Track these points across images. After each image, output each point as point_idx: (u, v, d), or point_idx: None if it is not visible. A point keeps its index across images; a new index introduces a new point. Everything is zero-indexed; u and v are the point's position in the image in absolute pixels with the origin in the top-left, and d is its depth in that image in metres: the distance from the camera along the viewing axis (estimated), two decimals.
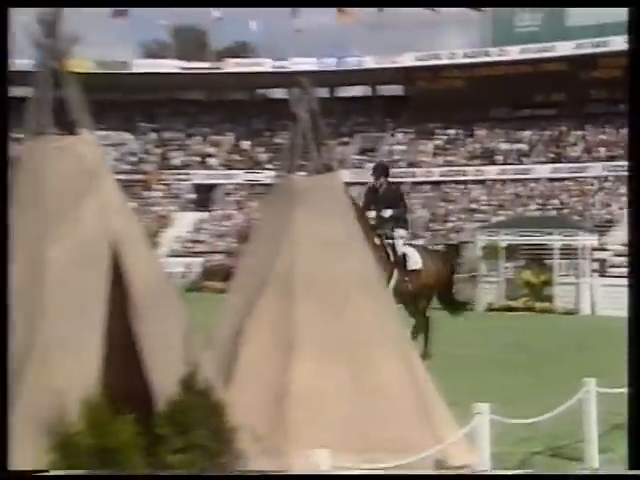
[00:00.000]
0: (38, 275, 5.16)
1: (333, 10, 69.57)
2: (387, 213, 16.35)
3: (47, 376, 4.92)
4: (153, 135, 75.52)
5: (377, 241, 15.76)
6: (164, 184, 70.32)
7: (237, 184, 71.48)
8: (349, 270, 7.83)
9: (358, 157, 69.46)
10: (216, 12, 71.67)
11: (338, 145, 62.80)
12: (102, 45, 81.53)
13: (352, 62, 70.83)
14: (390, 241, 16.35)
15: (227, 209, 68.90)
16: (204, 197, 70.32)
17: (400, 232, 16.66)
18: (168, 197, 68.98)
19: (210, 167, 73.30)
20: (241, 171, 71.87)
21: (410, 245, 17.29)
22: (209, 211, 69.05)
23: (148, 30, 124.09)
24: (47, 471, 4.10)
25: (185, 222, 64.94)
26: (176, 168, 72.54)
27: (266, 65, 73.55)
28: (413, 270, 16.48)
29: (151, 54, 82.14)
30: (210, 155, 74.30)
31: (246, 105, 76.29)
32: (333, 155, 8.11)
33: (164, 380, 4.97)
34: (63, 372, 4.90)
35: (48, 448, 4.26)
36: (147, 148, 74.43)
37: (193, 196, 70.41)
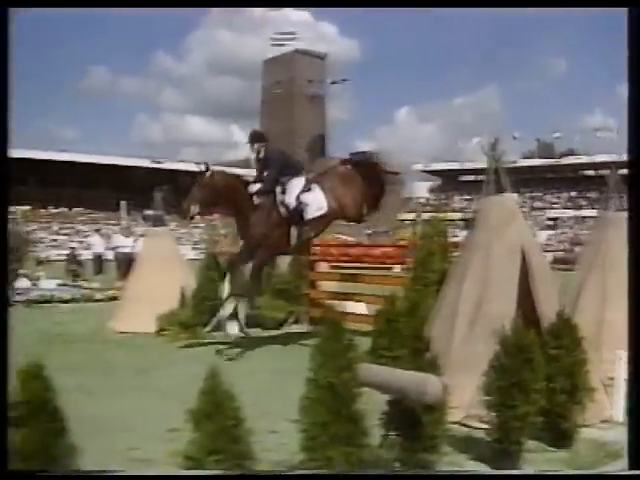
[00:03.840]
0: (485, 262, 4.86)
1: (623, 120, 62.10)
2: (269, 174, 7.48)
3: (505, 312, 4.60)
4: (525, 194, 72.35)
5: (261, 201, 7.42)
6: (530, 217, 67.42)
7: (568, 217, 67.05)
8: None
9: None
10: (556, 134, 67.30)
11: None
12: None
13: None
14: (280, 197, 7.45)
15: (563, 229, 64.32)
16: (553, 223, 66.53)
17: (293, 182, 7.52)
18: (533, 224, 65.86)
19: (554, 209, 69.17)
20: (570, 210, 67.08)
21: (308, 190, 7.54)
22: (554, 230, 64.98)
23: (524, 145, 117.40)
24: (47, 471, 2.60)
25: (543, 236, 61.47)
26: (537, 209, 69.31)
27: (583, 158, 67.97)
28: (315, 218, 7.50)
29: (524, 156, 78.26)
30: (555, 203, 70.07)
31: (572, 179, 70.84)
32: (623, 201, 7.19)
33: (548, 314, 4.52)
34: (501, 309, 4.54)
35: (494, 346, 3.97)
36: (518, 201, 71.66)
37: (549, 222, 66.78)
